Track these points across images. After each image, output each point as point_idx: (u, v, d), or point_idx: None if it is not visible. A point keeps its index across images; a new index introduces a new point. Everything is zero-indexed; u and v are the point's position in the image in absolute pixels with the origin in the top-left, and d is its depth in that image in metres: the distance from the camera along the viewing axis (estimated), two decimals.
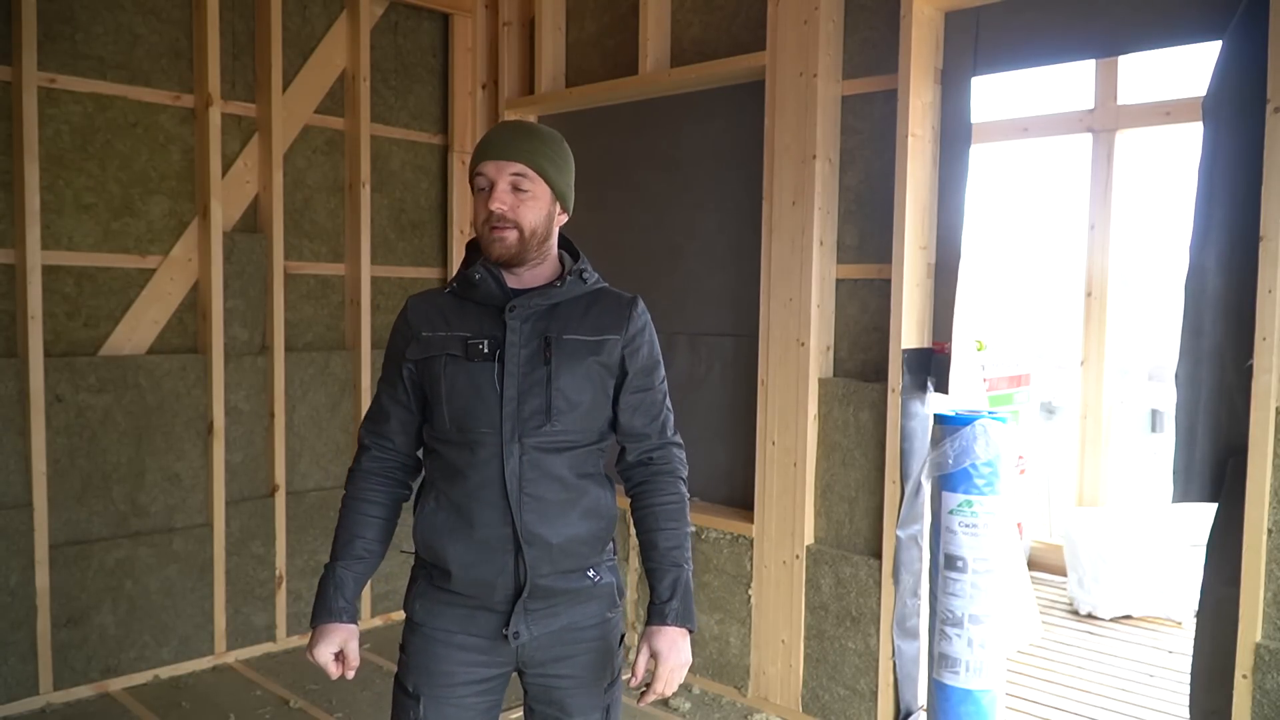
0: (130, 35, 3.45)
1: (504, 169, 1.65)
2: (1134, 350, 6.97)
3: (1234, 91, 2.49)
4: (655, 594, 1.73)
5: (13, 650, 3.21)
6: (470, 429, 1.66)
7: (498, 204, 1.64)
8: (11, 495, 3.21)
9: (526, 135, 1.69)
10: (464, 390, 1.66)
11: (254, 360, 3.76)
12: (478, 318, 1.70)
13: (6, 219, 3.22)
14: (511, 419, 1.64)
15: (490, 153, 1.66)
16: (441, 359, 1.68)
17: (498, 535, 1.65)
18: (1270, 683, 2.42)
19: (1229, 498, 2.51)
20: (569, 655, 1.72)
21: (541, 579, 1.66)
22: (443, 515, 1.68)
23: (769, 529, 3.35)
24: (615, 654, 1.79)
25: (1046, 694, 3.50)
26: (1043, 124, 4.90)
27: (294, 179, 3.90)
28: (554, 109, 4.15)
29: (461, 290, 1.73)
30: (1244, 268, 2.47)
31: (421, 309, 1.76)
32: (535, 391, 1.66)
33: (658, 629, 1.70)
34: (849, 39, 3.21)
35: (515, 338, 1.66)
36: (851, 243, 3.23)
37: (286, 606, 3.86)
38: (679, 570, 1.74)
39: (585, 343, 1.69)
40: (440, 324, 1.71)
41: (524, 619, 1.67)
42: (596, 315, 1.72)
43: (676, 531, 1.76)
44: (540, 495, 1.65)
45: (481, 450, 1.65)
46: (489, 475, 1.65)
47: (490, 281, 1.69)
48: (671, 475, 1.80)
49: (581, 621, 1.73)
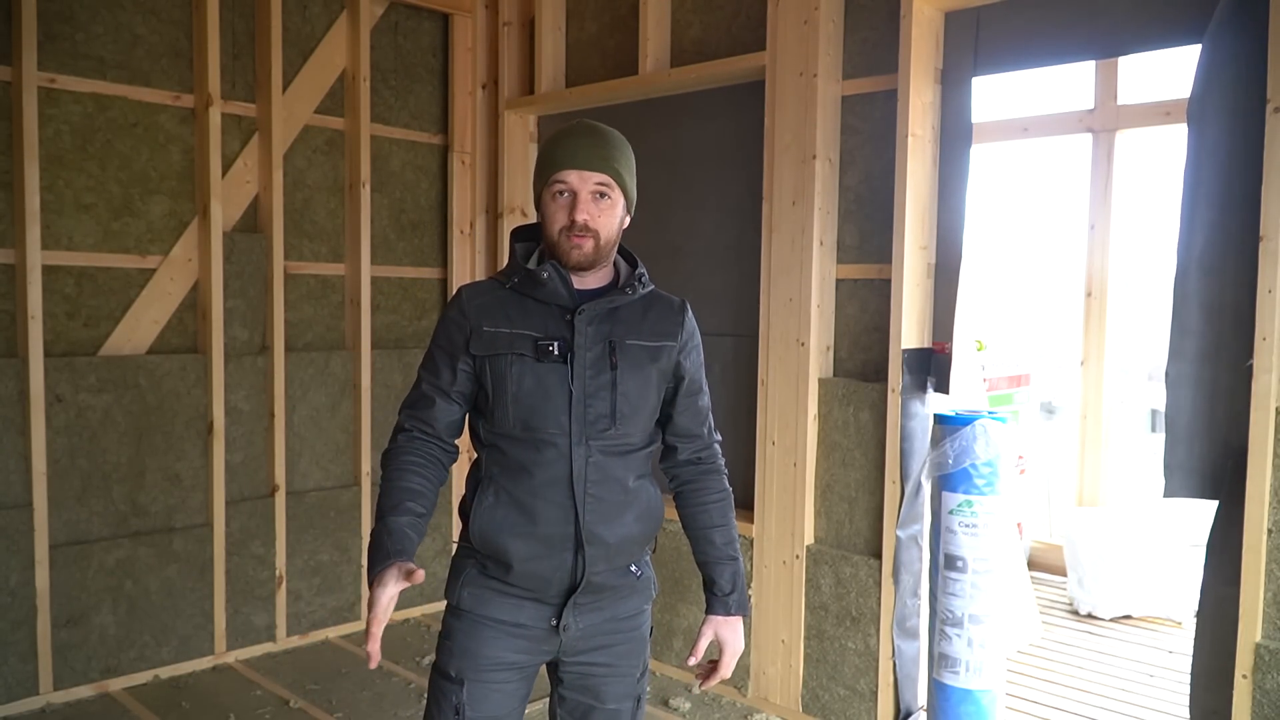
0: (130, 35, 3.45)
1: (588, 179, 1.67)
2: (1134, 350, 6.97)
3: (1215, 94, 2.51)
4: (716, 586, 1.85)
5: (13, 650, 3.21)
6: (537, 429, 1.67)
7: (583, 215, 1.66)
8: (11, 495, 3.21)
9: (606, 143, 1.70)
10: (532, 390, 1.67)
11: (254, 360, 3.76)
12: (542, 317, 1.70)
13: (6, 219, 3.22)
14: (579, 421, 1.68)
15: (575, 161, 1.67)
16: (508, 357, 1.68)
17: (560, 533, 1.68)
18: (1270, 683, 2.42)
19: (1229, 498, 2.52)
20: (608, 645, 1.78)
21: (596, 576, 1.71)
22: (504, 510, 1.69)
23: (769, 529, 3.35)
24: (648, 645, 1.86)
25: (1046, 694, 3.50)
26: (1043, 124, 4.91)
27: (294, 179, 3.90)
28: (554, 109, 4.15)
29: (523, 287, 1.71)
30: (1233, 268, 2.49)
31: (479, 301, 1.73)
32: (601, 395, 1.69)
33: (723, 619, 1.84)
34: (849, 39, 3.21)
35: (582, 340, 1.68)
36: (851, 243, 3.23)
37: (286, 606, 3.86)
38: (735, 563, 1.86)
39: (646, 348, 1.75)
40: (502, 320, 1.70)
41: (574, 612, 1.72)
42: (654, 321, 1.77)
43: (729, 527, 1.88)
44: (602, 496, 1.70)
45: (548, 450, 1.67)
46: (554, 475, 1.67)
47: (558, 282, 1.69)
48: (719, 473, 1.90)
49: (622, 613, 1.79)
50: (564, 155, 1.68)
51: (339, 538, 4.01)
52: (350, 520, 4.05)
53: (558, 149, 1.69)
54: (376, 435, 4.08)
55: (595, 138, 1.70)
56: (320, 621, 3.97)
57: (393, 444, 1.76)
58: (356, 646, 3.89)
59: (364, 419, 4.06)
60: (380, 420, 4.10)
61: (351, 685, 3.51)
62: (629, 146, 1.77)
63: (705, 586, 1.89)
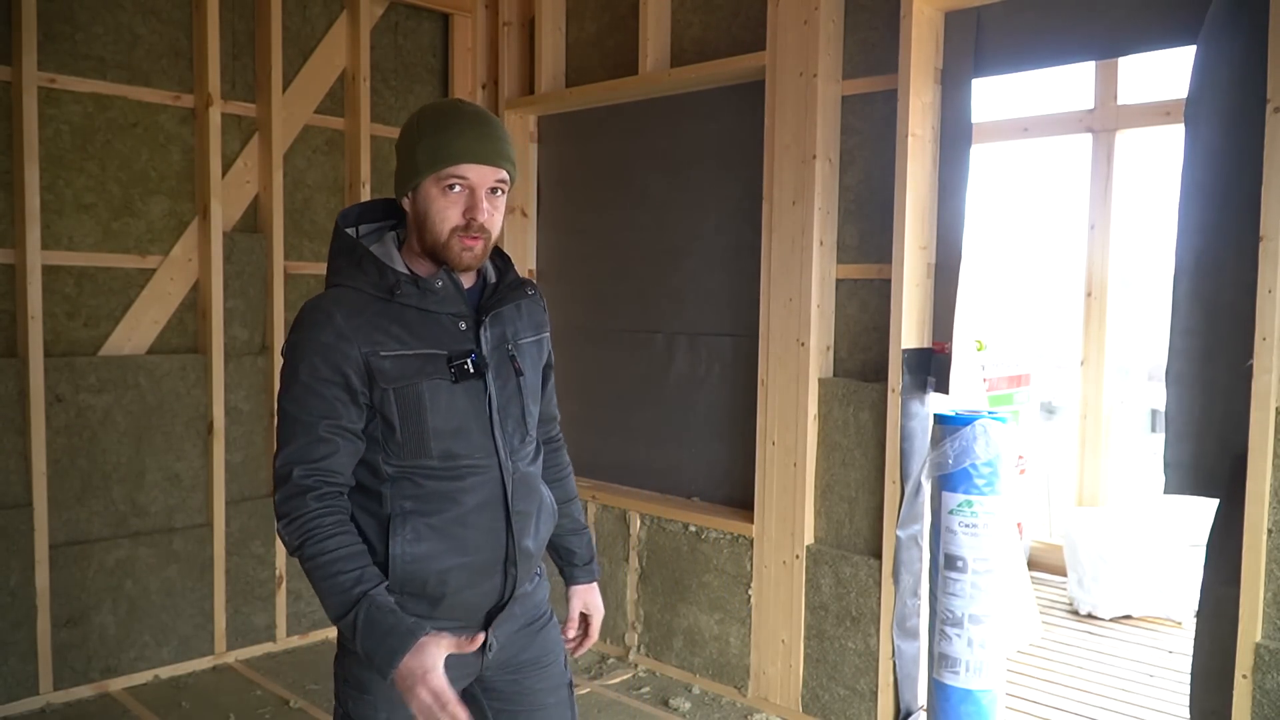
0: (130, 35, 3.45)
1: (488, 175, 1.50)
2: (1134, 350, 6.97)
3: (1212, 95, 2.52)
4: (576, 556, 1.88)
5: (13, 650, 3.21)
6: (461, 456, 1.54)
7: (483, 214, 1.50)
8: (11, 495, 3.21)
9: (501, 134, 1.53)
10: (450, 416, 1.52)
11: (254, 360, 3.76)
12: (435, 330, 1.53)
13: (6, 219, 3.22)
14: (502, 438, 1.57)
15: (476, 154, 1.48)
16: (419, 384, 1.50)
17: (491, 556, 1.58)
18: (1270, 683, 2.42)
19: (1229, 498, 2.52)
20: (526, 644, 1.71)
21: (521, 589, 1.65)
22: (427, 544, 1.53)
23: (769, 529, 3.35)
24: (558, 627, 1.81)
25: (1046, 694, 3.50)
26: (1043, 124, 4.91)
27: (294, 179, 3.90)
28: (554, 109, 4.15)
29: (408, 298, 1.51)
30: (1233, 268, 2.50)
31: (358, 321, 1.49)
32: (512, 405, 1.59)
33: (587, 586, 1.88)
34: (849, 39, 3.21)
35: (488, 349, 1.56)
36: (851, 243, 3.23)
37: (286, 606, 3.86)
38: (588, 532, 1.92)
39: (534, 343, 1.68)
40: (393, 340, 1.49)
41: (496, 630, 1.62)
42: (528, 312, 1.68)
43: (577, 500, 1.91)
44: (525, 510, 1.62)
45: (472, 477, 1.55)
46: (483, 499, 1.56)
47: (452, 288, 1.53)
48: (564, 448, 1.90)
49: (533, 612, 1.73)
50: (462, 146, 1.47)
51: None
52: None
53: (452, 138, 1.48)
54: None
55: (491, 127, 1.51)
56: (320, 621, 3.96)
57: (298, 509, 1.47)
58: None
59: None
60: None
61: None
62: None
63: (564, 558, 1.87)
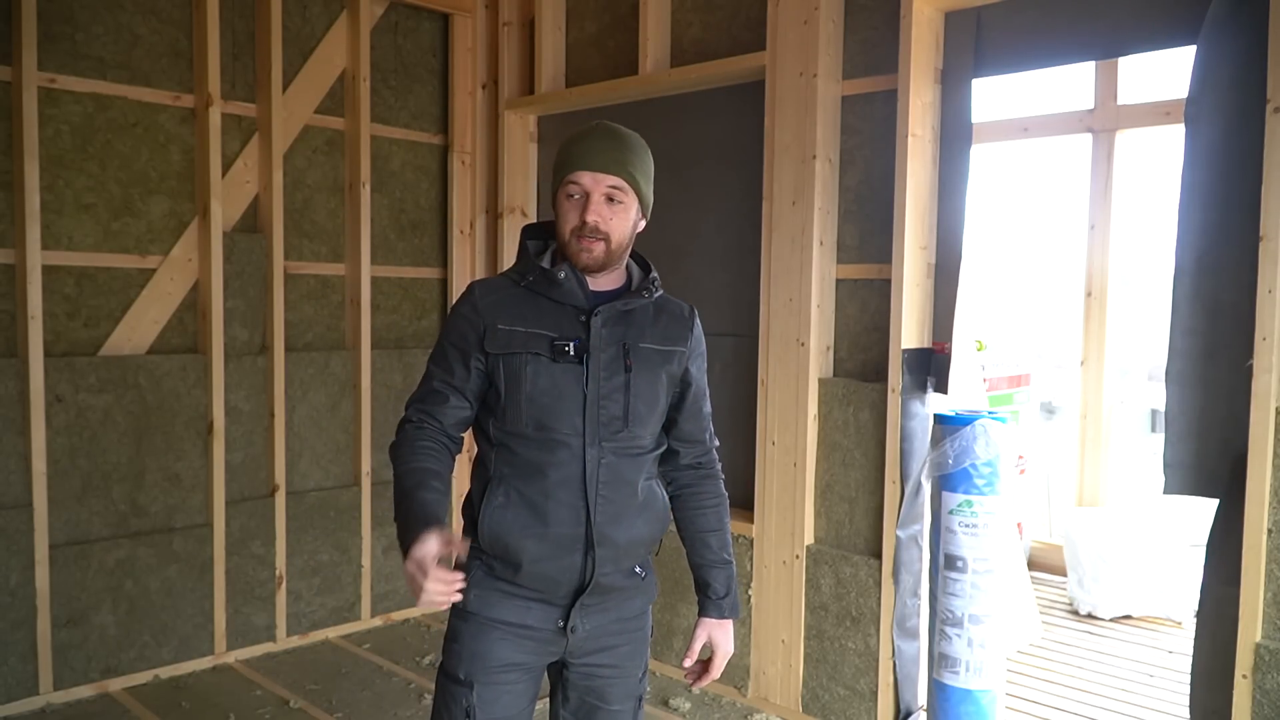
0: (130, 35, 3.45)
1: (601, 181, 1.67)
2: (1134, 350, 6.97)
3: (1212, 95, 2.52)
4: (711, 589, 1.87)
5: (13, 650, 3.21)
6: (551, 429, 1.67)
7: (594, 217, 1.66)
8: (11, 495, 3.21)
9: (622, 146, 1.70)
10: (546, 390, 1.67)
11: (254, 360, 3.76)
12: (556, 317, 1.70)
13: (6, 219, 3.22)
14: (593, 423, 1.68)
15: (588, 162, 1.66)
16: (523, 356, 1.67)
17: (570, 534, 1.68)
18: (1270, 683, 2.42)
19: (1229, 497, 2.52)
20: (613, 646, 1.79)
21: (604, 577, 1.72)
22: (514, 510, 1.68)
23: (769, 529, 3.35)
24: (649, 645, 1.88)
25: (1046, 694, 3.50)
26: (1043, 124, 4.91)
27: (294, 179, 3.90)
28: (554, 109, 4.15)
29: (538, 286, 1.71)
30: (1233, 268, 2.50)
31: (491, 298, 1.72)
32: (615, 397, 1.70)
33: (716, 621, 1.86)
34: (849, 39, 3.21)
35: (598, 342, 1.69)
36: (851, 243, 3.23)
37: (286, 606, 3.86)
38: (730, 567, 1.89)
39: (658, 352, 1.76)
40: (516, 318, 1.69)
41: (580, 613, 1.73)
42: (665, 325, 1.78)
43: (724, 531, 1.90)
44: (613, 498, 1.71)
45: (561, 451, 1.67)
46: (567, 475, 1.67)
47: (574, 283, 1.70)
48: (718, 478, 1.92)
49: (627, 614, 1.80)
50: (579, 156, 1.68)
51: (339, 538, 4.01)
52: (350, 520, 4.05)
53: (574, 149, 1.69)
54: (376, 435, 4.08)
55: (612, 140, 1.70)
56: (320, 621, 3.97)
57: (400, 434, 1.73)
58: (357, 646, 3.89)
59: (364, 419, 4.06)
60: (380, 420, 4.10)
61: (351, 685, 3.51)
62: (648, 151, 1.76)
63: (699, 589, 1.90)
